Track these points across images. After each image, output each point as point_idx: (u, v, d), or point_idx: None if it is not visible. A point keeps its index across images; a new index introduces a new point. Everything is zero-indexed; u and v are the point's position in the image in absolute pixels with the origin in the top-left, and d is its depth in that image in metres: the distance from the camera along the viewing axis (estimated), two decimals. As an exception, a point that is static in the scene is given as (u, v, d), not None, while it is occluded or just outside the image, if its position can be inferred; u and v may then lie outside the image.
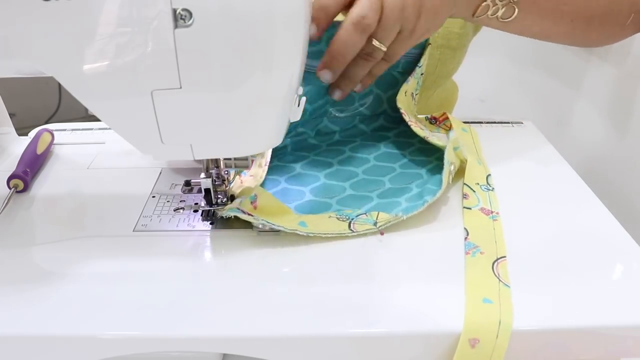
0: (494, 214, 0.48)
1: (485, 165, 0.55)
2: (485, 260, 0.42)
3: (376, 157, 0.58)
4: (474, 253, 0.43)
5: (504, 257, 0.43)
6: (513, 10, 0.55)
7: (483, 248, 0.44)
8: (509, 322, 0.37)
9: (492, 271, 0.41)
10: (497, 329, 0.36)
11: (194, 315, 0.38)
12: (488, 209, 0.49)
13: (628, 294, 0.40)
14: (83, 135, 0.66)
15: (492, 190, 0.52)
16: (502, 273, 0.41)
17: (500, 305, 0.38)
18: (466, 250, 0.44)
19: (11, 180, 0.53)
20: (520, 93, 0.97)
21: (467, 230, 0.46)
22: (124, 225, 0.48)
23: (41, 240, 0.47)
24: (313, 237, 0.45)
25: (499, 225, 0.47)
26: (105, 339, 0.37)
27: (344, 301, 0.39)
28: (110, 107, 0.40)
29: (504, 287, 0.40)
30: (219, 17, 0.36)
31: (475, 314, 0.37)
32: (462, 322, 0.37)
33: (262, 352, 0.38)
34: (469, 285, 0.40)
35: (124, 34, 0.36)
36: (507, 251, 0.44)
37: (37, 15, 0.36)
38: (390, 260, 0.43)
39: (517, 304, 0.38)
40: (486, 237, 0.45)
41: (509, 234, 0.46)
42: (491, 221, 0.47)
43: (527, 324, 0.37)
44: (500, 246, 0.44)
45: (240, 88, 0.39)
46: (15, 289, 0.41)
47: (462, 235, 0.46)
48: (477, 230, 0.46)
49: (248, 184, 0.52)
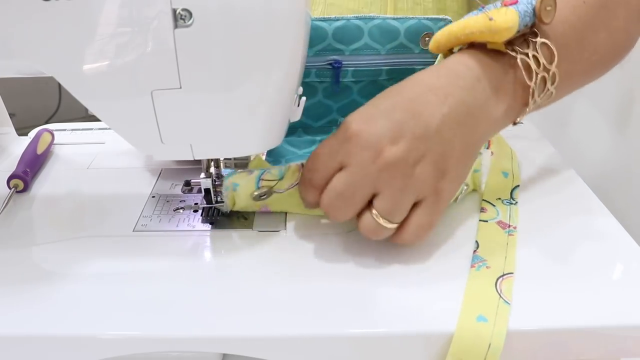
0: (511, 228, 0.46)
1: (516, 176, 0.53)
2: (489, 275, 0.41)
3: None
4: (479, 267, 0.42)
5: (511, 274, 0.41)
6: (550, 95, 0.46)
7: (490, 262, 0.42)
8: (499, 345, 0.36)
9: (494, 287, 0.39)
10: (486, 353, 0.35)
11: (194, 315, 0.38)
12: (506, 222, 0.47)
13: (628, 294, 0.40)
14: (83, 135, 0.66)
15: (514, 204, 0.50)
16: (505, 289, 0.39)
17: (494, 325, 0.36)
18: (472, 263, 0.42)
19: (11, 180, 0.53)
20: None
21: (478, 243, 0.44)
22: (124, 225, 0.48)
23: (41, 240, 0.47)
24: (313, 237, 0.45)
25: (514, 240, 0.45)
26: (105, 339, 0.37)
27: (344, 301, 0.39)
28: (110, 107, 0.40)
29: (503, 304, 0.38)
30: (218, 17, 0.36)
31: (465, 333, 0.36)
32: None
33: (262, 352, 0.38)
34: (466, 300, 0.38)
35: (124, 34, 0.37)
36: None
37: (37, 16, 0.36)
38: (393, 261, 0.43)
39: (517, 304, 0.38)
40: (496, 252, 0.43)
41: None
42: (506, 236, 0.45)
43: (527, 324, 0.37)
44: (510, 262, 0.42)
45: (240, 88, 0.39)
46: (16, 289, 0.41)
47: (471, 247, 0.44)
48: (489, 244, 0.44)
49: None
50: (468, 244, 0.45)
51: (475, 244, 0.45)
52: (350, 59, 0.56)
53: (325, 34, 0.54)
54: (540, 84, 0.44)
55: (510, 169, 0.54)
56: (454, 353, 0.36)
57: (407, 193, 0.40)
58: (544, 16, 0.42)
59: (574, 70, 0.47)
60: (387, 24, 0.55)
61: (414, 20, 0.55)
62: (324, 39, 0.54)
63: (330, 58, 0.55)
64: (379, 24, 0.55)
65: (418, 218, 0.42)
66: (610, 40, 0.49)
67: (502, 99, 0.43)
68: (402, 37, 0.55)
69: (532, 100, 0.44)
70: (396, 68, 0.57)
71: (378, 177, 0.40)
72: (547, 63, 0.43)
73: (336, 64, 0.55)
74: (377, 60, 0.56)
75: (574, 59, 0.47)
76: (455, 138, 0.42)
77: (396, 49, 0.56)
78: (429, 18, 0.55)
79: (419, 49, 0.55)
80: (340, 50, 0.55)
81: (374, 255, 0.44)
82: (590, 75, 0.51)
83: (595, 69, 0.51)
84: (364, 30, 0.55)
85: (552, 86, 0.44)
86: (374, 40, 0.55)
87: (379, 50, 0.55)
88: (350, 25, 0.54)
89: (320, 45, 0.55)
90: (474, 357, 0.36)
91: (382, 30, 0.55)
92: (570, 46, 0.46)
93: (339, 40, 0.55)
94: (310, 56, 0.54)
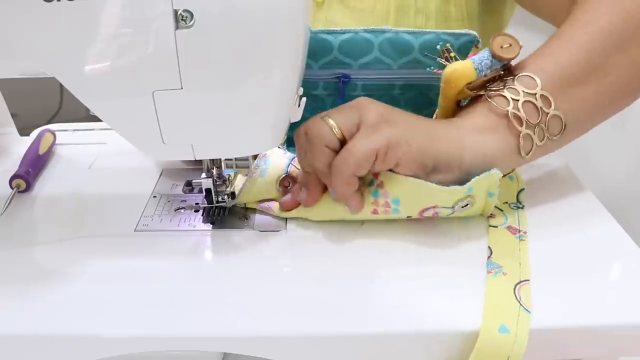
0: (521, 234, 0.46)
1: (519, 180, 0.53)
2: (507, 281, 0.40)
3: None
4: (496, 273, 0.41)
5: (527, 281, 0.40)
6: (560, 124, 0.46)
7: (506, 269, 0.42)
8: (518, 357, 0.36)
9: (513, 294, 0.39)
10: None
11: (194, 315, 0.39)
12: (515, 227, 0.46)
13: (627, 294, 0.40)
14: (85, 136, 0.66)
15: (522, 208, 0.49)
16: (523, 297, 0.39)
17: (516, 336, 0.36)
18: (488, 269, 0.42)
19: (13, 180, 0.53)
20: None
21: (491, 249, 0.44)
22: (125, 225, 0.48)
23: (43, 240, 0.47)
24: (313, 237, 0.45)
25: (525, 246, 0.44)
26: (105, 338, 0.37)
27: (344, 301, 0.39)
28: (112, 107, 0.40)
29: (524, 313, 0.38)
30: (219, 18, 0.36)
31: (487, 345, 0.36)
32: (463, 323, 0.37)
33: (262, 352, 0.38)
34: (488, 308, 0.38)
35: (126, 35, 0.37)
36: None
37: (39, 17, 0.36)
38: (393, 261, 0.44)
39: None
40: (510, 258, 0.43)
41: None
42: (517, 241, 0.45)
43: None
44: (525, 269, 0.42)
45: (240, 88, 0.39)
46: (17, 288, 0.41)
47: (480, 251, 0.44)
48: (502, 250, 0.44)
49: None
50: (474, 246, 0.45)
51: (489, 249, 0.44)
52: (359, 73, 0.53)
53: (331, 47, 0.52)
54: (529, 108, 0.45)
55: (514, 172, 0.54)
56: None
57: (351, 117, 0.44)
58: (503, 54, 0.45)
59: (586, 93, 0.47)
60: (400, 37, 0.52)
61: (431, 35, 0.52)
62: (330, 52, 0.52)
63: (337, 72, 0.53)
64: (391, 38, 0.52)
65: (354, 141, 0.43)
66: (630, 62, 0.47)
67: (486, 133, 0.45)
68: (416, 52, 0.52)
69: (521, 124, 0.44)
70: (410, 83, 0.54)
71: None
72: (528, 89, 0.45)
73: (344, 78, 0.53)
74: (388, 75, 0.53)
75: (582, 82, 0.46)
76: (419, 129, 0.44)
77: (409, 64, 0.53)
78: (449, 33, 0.52)
79: (437, 64, 0.49)
80: (347, 64, 0.53)
81: (375, 255, 0.44)
82: (612, 92, 0.48)
83: (616, 94, 0.49)
84: (374, 44, 0.52)
85: (550, 108, 0.45)
86: (385, 55, 0.52)
87: (391, 65, 0.53)
88: (359, 39, 0.52)
89: (327, 58, 0.53)
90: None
91: (394, 44, 0.52)
92: (577, 69, 0.46)
93: (345, 53, 0.52)
94: (315, 69, 0.53)
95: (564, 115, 0.45)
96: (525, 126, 0.45)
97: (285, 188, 0.48)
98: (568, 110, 0.46)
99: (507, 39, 0.46)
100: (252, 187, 0.48)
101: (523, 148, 0.45)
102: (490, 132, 0.45)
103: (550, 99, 0.45)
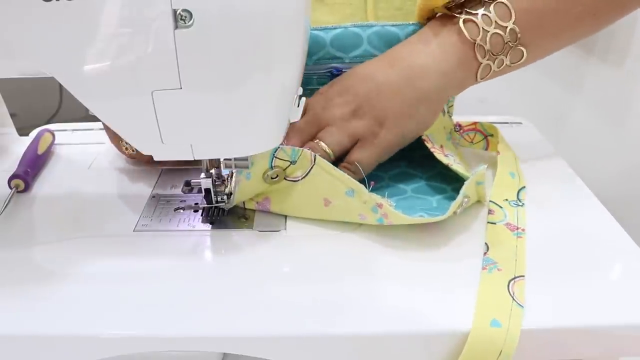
0: (520, 231, 0.46)
1: (521, 178, 0.53)
2: (501, 277, 0.41)
3: (391, 177, 0.55)
4: (491, 269, 0.42)
5: (522, 277, 0.41)
6: (521, 53, 0.49)
7: (501, 265, 0.42)
8: (510, 351, 0.36)
9: (507, 290, 0.39)
10: (497, 359, 0.36)
11: (194, 315, 0.39)
12: (514, 224, 0.47)
13: (627, 294, 0.40)
14: (84, 136, 0.66)
15: (521, 205, 0.50)
16: (517, 292, 0.39)
17: (507, 330, 0.36)
18: (483, 265, 0.42)
19: (12, 181, 0.53)
20: (519, 93, 0.97)
21: (488, 245, 0.44)
22: (125, 225, 0.48)
23: (42, 240, 0.47)
24: (313, 237, 0.45)
25: (523, 243, 0.45)
26: (106, 338, 0.37)
27: (344, 301, 0.39)
28: (111, 107, 0.40)
29: (516, 307, 0.38)
30: (219, 17, 0.36)
31: (479, 339, 0.36)
32: (463, 322, 0.37)
33: (262, 352, 0.38)
34: (480, 303, 0.38)
35: (125, 35, 0.37)
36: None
37: (38, 16, 0.36)
38: (394, 261, 0.44)
39: (516, 304, 0.38)
40: (507, 255, 0.43)
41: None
42: (515, 238, 0.45)
43: (527, 324, 0.37)
44: (520, 265, 0.42)
45: (240, 88, 0.39)
46: (16, 288, 0.41)
47: (480, 249, 0.44)
48: (498, 247, 0.44)
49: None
50: (474, 244, 0.45)
51: (485, 246, 0.44)
52: (351, 66, 0.54)
53: (324, 42, 0.54)
54: (496, 41, 0.48)
55: (516, 170, 0.54)
56: (465, 357, 0.36)
57: (343, 134, 0.49)
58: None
59: (548, 23, 0.49)
60: (386, 30, 0.54)
61: (415, 27, 0.54)
62: (323, 47, 0.54)
63: (330, 66, 0.55)
64: (378, 31, 0.54)
65: (356, 153, 0.50)
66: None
67: (449, 55, 0.49)
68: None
69: (484, 55, 0.48)
70: None
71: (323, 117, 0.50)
72: (501, 20, 0.47)
73: (335, 71, 0.55)
74: None
75: (546, 11, 0.48)
76: (397, 95, 0.49)
77: None
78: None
79: None
80: (339, 58, 0.55)
81: (375, 255, 0.44)
82: (575, 28, 0.50)
83: (584, 21, 0.50)
84: (362, 37, 0.54)
85: (513, 43, 0.48)
86: (374, 47, 0.54)
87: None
88: (349, 33, 0.54)
89: (320, 54, 0.55)
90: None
91: (382, 37, 0.54)
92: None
93: (337, 48, 0.54)
94: (309, 64, 0.54)
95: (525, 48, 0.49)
96: (488, 57, 0.48)
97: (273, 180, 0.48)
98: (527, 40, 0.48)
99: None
100: (244, 189, 0.48)
101: (480, 74, 0.49)
102: (452, 55, 0.49)
103: (518, 35, 0.47)
